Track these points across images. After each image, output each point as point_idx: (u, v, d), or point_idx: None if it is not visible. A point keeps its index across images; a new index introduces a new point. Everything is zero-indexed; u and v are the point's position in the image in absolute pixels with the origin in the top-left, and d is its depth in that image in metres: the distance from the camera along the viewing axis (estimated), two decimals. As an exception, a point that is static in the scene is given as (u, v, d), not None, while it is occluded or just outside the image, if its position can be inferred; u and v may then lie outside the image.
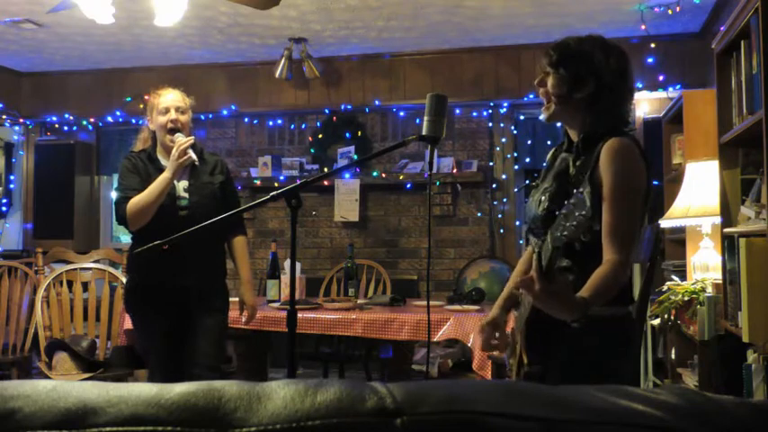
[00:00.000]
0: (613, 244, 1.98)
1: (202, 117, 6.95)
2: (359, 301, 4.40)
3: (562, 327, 2.08)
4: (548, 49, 2.19)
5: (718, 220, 3.55)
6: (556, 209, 1.91)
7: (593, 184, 2.00)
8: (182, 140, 3.28)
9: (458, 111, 6.54)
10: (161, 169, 3.36)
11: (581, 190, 1.75)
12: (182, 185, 3.38)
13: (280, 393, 0.59)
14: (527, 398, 0.63)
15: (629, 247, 1.99)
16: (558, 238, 1.76)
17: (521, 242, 6.44)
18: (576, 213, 1.71)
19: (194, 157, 3.27)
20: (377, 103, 6.58)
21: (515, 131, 6.60)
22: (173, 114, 3.36)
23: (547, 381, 2.09)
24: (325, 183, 6.46)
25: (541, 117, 2.25)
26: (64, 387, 0.59)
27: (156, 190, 3.23)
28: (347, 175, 6.55)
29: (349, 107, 6.68)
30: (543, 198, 2.15)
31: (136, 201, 3.25)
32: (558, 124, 2.30)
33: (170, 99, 3.39)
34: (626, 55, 2.18)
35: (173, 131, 3.36)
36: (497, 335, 2.37)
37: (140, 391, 0.59)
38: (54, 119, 7.28)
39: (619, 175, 2.02)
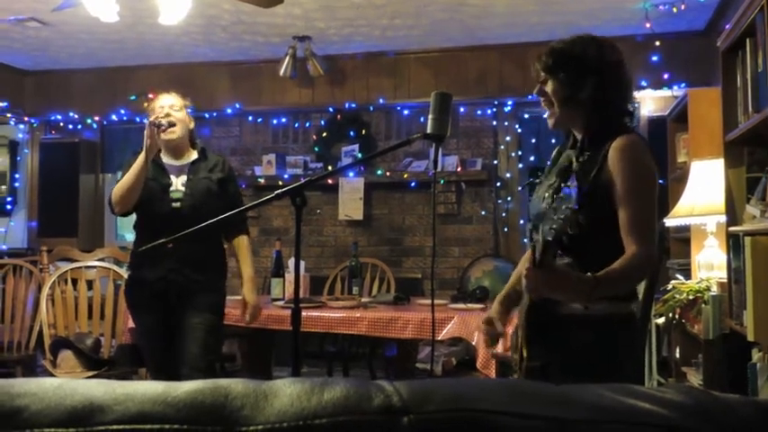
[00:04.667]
0: (633, 237, 2.01)
1: (206, 115, 6.95)
2: (363, 300, 4.40)
3: (562, 322, 2.08)
4: (540, 54, 2.19)
5: (723, 218, 3.54)
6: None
7: (599, 183, 2.02)
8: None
9: (462, 109, 6.54)
10: (161, 165, 3.47)
11: (569, 185, 1.85)
12: (180, 180, 3.45)
13: (286, 391, 0.59)
14: (533, 396, 0.63)
15: (648, 239, 2.01)
16: (547, 232, 1.83)
17: (525, 240, 6.43)
18: (564, 207, 1.80)
19: (159, 123, 3.32)
20: (381, 101, 6.58)
21: (520, 130, 6.59)
22: (166, 110, 3.45)
23: (549, 377, 2.10)
24: (330, 181, 6.46)
25: (549, 124, 2.26)
26: (70, 385, 0.59)
27: (133, 171, 3.31)
28: (351, 174, 6.55)
29: (353, 105, 6.68)
30: (547, 195, 2.16)
31: (118, 185, 3.38)
32: None
33: (165, 100, 3.49)
34: (618, 48, 2.19)
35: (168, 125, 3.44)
36: (495, 329, 2.38)
37: (147, 388, 0.59)
38: (58, 117, 7.29)
39: (631, 172, 2.04)
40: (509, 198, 6.51)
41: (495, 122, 6.57)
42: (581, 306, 1.99)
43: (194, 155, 3.55)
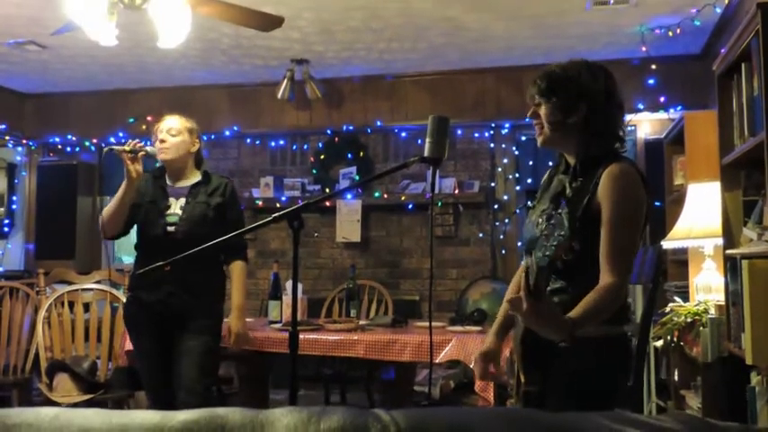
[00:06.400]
0: (610, 267, 2.02)
1: (204, 137, 6.94)
2: (360, 322, 4.38)
3: (557, 346, 2.08)
4: (534, 79, 2.21)
5: (720, 241, 3.54)
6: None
7: (590, 209, 2.04)
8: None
9: (459, 131, 6.56)
10: (163, 187, 3.52)
11: (560, 211, 1.91)
12: (178, 204, 3.45)
13: (283, 421, 0.59)
14: (530, 426, 0.63)
15: (625, 270, 2.03)
16: (541, 258, 1.88)
17: (522, 263, 6.41)
18: (556, 234, 1.87)
19: (133, 150, 3.32)
20: (378, 123, 6.60)
21: (517, 152, 6.61)
22: (161, 135, 3.50)
23: (546, 401, 2.10)
24: (327, 203, 6.46)
25: (537, 142, 2.27)
26: (66, 415, 0.59)
27: (114, 199, 3.38)
28: (349, 196, 6.55)
29: (351, 128, 6.70)
30: (541, 220, 2.16)
31: (104, 211, 3.45)
32: None
33: (164, 124, 3.54)
34: (611, 74, 2.21)
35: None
36: (493, 364, 2.37)
37: (143, 418, 0.59)
38: (57, 139, 7.30)
39: (619, 201, 2.05)
40: (506, 220, 6.51)
41: (492, 145, 6.59)
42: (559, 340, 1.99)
43: (197, 177, 3.56)
